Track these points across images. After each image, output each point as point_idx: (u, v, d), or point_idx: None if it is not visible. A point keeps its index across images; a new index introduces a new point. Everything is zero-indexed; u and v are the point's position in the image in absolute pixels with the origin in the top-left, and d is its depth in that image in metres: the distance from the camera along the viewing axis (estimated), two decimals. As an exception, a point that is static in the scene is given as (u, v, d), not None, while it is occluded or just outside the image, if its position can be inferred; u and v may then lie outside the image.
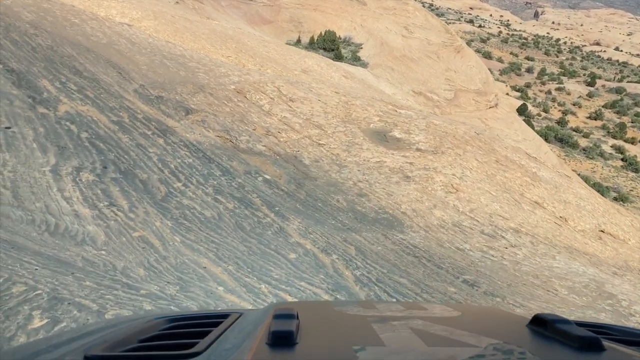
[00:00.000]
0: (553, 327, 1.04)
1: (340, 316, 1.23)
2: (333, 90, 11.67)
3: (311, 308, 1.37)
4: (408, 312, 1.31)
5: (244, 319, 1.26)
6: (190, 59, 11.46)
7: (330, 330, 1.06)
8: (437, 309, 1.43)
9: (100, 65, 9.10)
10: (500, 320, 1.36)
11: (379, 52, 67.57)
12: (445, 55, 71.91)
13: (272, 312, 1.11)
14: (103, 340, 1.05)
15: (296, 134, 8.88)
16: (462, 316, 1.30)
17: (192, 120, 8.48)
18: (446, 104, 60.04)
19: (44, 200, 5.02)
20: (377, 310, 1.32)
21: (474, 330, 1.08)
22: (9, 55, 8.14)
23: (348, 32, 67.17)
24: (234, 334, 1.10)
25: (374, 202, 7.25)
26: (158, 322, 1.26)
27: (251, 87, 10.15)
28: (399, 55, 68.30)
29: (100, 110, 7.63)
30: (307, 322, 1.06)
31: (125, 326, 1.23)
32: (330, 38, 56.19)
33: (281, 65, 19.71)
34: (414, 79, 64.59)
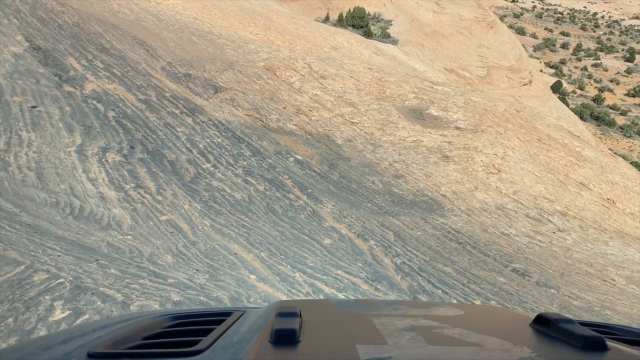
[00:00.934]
0: (556, 326, 1.02)
1: (343, 314, 1.23)
2: (366, 66, 11.20)
3: (314, 306, 1.38)
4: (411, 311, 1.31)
5: (246, 317, 1.25)
6: (218, 35, 11.13)
7: (333, 329, 1.05)
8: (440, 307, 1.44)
9: (127, 42, 8.86)
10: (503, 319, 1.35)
11: (409, 29, 66.00)
12: (477, 31, 69.78)
13: (274, 310, 1.10)
14: (107, 338, 1.05)
15: (328, 113, 8.51)
16: (465, 315, 1.28)
17: (220, 99, 8.19)
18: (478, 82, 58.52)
19: (68, 181, 4.82)
20: (380, 309, 1.33)
21: (477, 329, 1.06)
22: (35, 33, 7.97)
23: (377, 8, 65.74)
24: (236, 331, 1.09)
25: (411, 184, 6.87)
26: (161, 319, 1.25)
27: (281, 64, 9.78)
28: (430, 32, 66.57)
29: (127, 89, 7.41)
30: (309, 320, 1.05)
31: (129, 324, 1.22)
32: (359, 15, 55.01)
33: (310, 43, 19.24)
34: (445, 55, 63.01)
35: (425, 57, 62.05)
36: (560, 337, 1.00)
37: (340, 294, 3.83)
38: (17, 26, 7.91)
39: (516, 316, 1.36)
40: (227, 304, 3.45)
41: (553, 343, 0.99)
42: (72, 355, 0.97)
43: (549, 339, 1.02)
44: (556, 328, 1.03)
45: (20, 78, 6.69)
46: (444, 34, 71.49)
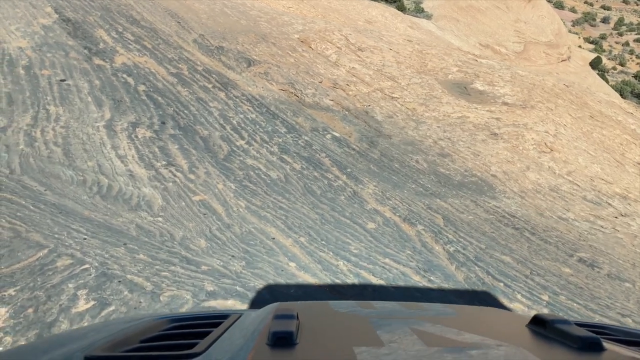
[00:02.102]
0: (553, 327, 1.02)
1: (340, 316, 1.22)
2: (405, 38, 10.61)
3: (311, 308, 1.37)
4: (407, 312, 1.30)
5: (244, 319, 1.25)
6: (251, 7, 10.70)
7: (330, 331, 1.05)
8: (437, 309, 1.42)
9: (158, 14, 8.54)
10: (500, 320, 1.34)
11: (443, 3, 64.00)
12: (514, 5, 67.25)
13: (272, 312, 1.10)
14: (104, 341, 1.05)
15: (366, 87, 8.03)
16: (462, 316, 1.27)
17: (254, 73, 7.81)
18: (514, 57, 56.58)
19: (96, 158, 4.54)
20: (376, 310, 1.32)
21: (473, 330, 1.05)
22: (64, 4, 7.71)
23: (411, -18, 63.93)
24: (234, 334, 1.09)
25: (458, 164, 6.38)
26: (159, 322, 1.25)
27: (316, 36, 9.31)
28: (465, 6, 64.47)
29: (158, 62, 7.10)
30: (307, 322, 1.05)
31: (127, 327, 1.21)
32: (393, -12, 53.52)
33: (344, 16, 18.62)
34: (480, 30, 61.06)
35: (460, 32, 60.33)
36: (557, 338, 0.99)
37: (391, 285, 3.45)
38: (46, -3, 7.66)
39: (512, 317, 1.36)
40: (265, 296, 3.12)
41: (550, 344, 0.98)
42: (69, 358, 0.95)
43: (546, 340, 1.01)
44: (552, 329, 1.02)
45: (49, 51, 6.45)
46: (479, 9, 69.28)
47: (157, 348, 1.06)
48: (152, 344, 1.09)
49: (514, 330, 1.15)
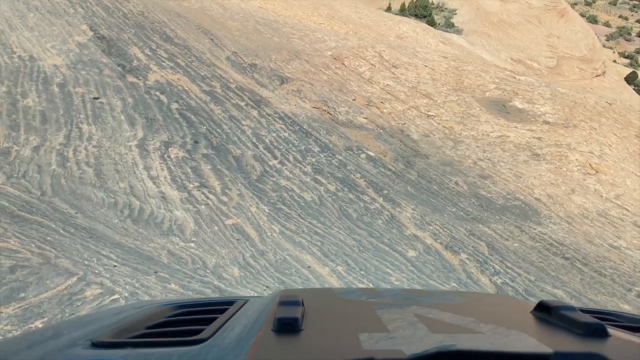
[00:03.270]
0: (558, 313, 1.02)
1: (345, 303, 1.22)
2: (440, 54, 10.39)
3: (316, 295, 1.35)
4: (413, 299, 1.28)
5: (249, 306, 1.24)
6: (284, 24, 10.65)
7: (335, 317, 1.06)
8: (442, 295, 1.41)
9: (192, 31, 8.53)
10: (504, 306, 1.32)
11: (474, 18, 63.43)
12: (547, 19, 66.15)
13: (277, 299, 1.07)
14: (111, 327, 1.05)
15: (401, 105, 7.82)
16: (467, 303, 1.24)
17: (287, 90, 7.69)
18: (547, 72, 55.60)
19: (128, 179, 4.44)
20: (381, 297, 1.31)
21: (478, 316, 1.04)
22: (100, 22, 7.76)
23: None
24: (239, 320, 1.08)
25: (500, 186, 6.09)
26: (165, 309, 1.25)
27: (350, 53, 9.17)
28: (496, 21, 63.78)
29: (191, 80, 7.04)
30: (312, 309, 1.05)
31: (133, 313, 1.21)
32: (422, 4, 53.36)
33: (375, 32, 18.51)
34: (512, 45, 60.21)
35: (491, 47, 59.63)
36: (562, 324, 0.99)
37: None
38: (83, 15, 7.72)
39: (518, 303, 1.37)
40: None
41: (554, 330, 0.99)
42: (76, 344, 0.97)
43: (551, 326, 1.02)
44: (557, 315, 1.03)
45: (84, 68, 6.45)
46: (511, 23, 68.45)
47: (163, 334, 1.06)
48: (158, 330, 1.09)
49: (519, 316, 1.14)
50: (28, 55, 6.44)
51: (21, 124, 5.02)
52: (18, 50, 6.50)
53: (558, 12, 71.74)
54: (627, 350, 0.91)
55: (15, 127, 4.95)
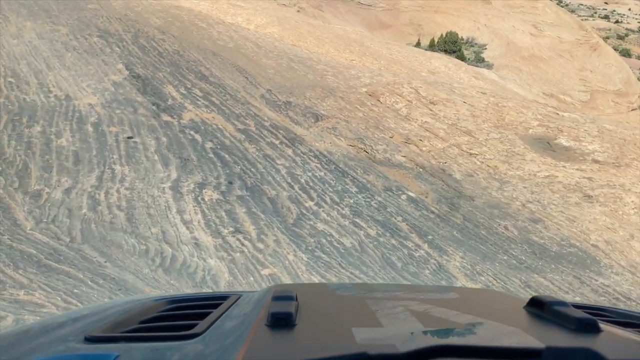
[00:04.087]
0: (550, 309, 1.03)
1: (339, 298, 1.25)
2: (478, 90, 10.09)
3: (310, 290, 1.37)
4: (406, 294, 1.35)
5: (243, 300, 1.25)
6: (317, 61, 10.57)
7: (329, 312, 1.09)
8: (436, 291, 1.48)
9: (227, 69, 8.48)
10: (498, 302, 1.36)
11: (504, 53, 63.19)
12: (579, 53, 65.45)
13: (271, 293, 1.09)
14: (104, 322, 1.06)
15: (441, 142, 7.51)
16: (460, 298, 1.29)
17: (321, 128, 7.48)
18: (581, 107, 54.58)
19: (160, 224, 4.21)
20: (375, 292, 1.36)
21: (471, 311, 1.07)
22: (136, 61, 7.77)
23: (471, 32, 63.85)
24: (233, 315, 1.11)
25: (553, 231, 5.66)
26: (158, 303, 1.27)
27: (385, 90, 8.95)
28: (527, 55, 63.41)
29: (225, 118, 6.91)
30: (306, 303, 1.06)
31: (126, 308, 1.22)
32: (452, 39, 53.50)
33: (407, 67, 18.38)
34: (544, 79, 59.62)
35: (523, 82, 59.09)
36: (554, 320, 1.00)
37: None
38: (119, 54, 7.75)
39: (511, 299, 1.39)
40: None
41: (546, 325, 0.99)
42: (69, 338, 0.97)
43: (543, 321, 1.02)
44: (550, 310, 1.03)
45: (119, 107, 6.38)
46: (542, 57, 67.98)
47: (157, 328, 1.06)
48: (152, 324, 1.10)
49: (512, 312, 1.16)
50: (64, 94, 6.42)
51: (54, 165, 4.90)
52: (55, 90, 6.50)
53: (590, 46, 70.92)
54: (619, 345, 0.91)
55: (47, 168, 4.83)
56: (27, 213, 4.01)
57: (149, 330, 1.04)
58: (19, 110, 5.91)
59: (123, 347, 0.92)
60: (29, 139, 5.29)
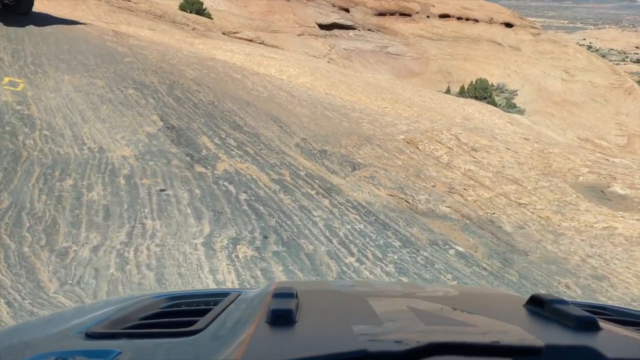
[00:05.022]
0: (550, 307, 1.03)
1: (339, 295, 1.23)
2: (521, 136, 9.67)
3: (310, 287, 1.38)
4: (406, 292, 1.32)
5: (243, 297, 1.25)
6: (352, 109, 10.39)
7: (329, 309, 1.07)
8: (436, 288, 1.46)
9: (261, 119, 8.34)
10: (498, 300, 1.34)
11: (536, 98, 62.74)
12: (613, 97, 64.48)
13: (271, 290, 1.10)
14: (104, 318, 1.06)
15: (487, 192, 7.07)
16: (461, 296, 1.28)
17: (359, 177, 7.16)
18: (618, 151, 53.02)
19: (192, 285, 3.88)
20: (376, 290, 1.35)
21: (472, 309, 1.07)
22: (170, 112, 7.70)
23: (501, 79, 63.79)
24: (233, 312, 1.10)
25: (620, 290, 5.09)
26: (159, 300, 1.26)
27: (423, 137, 8.64)
28: (560, 100, 62.79)
29: (260, 168, 6.67)
30: (306, 301, 1.05)
31: (126, 304, 1.22)
32: (482, 86, 53.48)
33: (440, 114, 18.13)
34: (578, 124, 58.67)
35: (556, 127, 58.25)
36: (554, 318, 0.99)
37: None
38: (154, 106, 7.70)
39: (511, 297, 1.35)
40: None
41: (546, 323, 0.99)
42: (70, 334, 0.96)
43: (543, 319, 1.01)
44: (550, 308, 1.03)
45: (152, 159, 6.22)
46: (575, 102, 67.09)
47: (158, 325, 1.06)
48: (152, 321, 1.09)
49: (512, 310, 1.14)
50: (98, 146, 6.32)
51: (83, 220, 4.68)
52: (89, 142, 6.41)
53: (625, 90, 69.63)
54: (619, 343, 0.91)
55: (76, 223, 4.61)
56: (52, 274, 3.74)
57: (149, 326, 1.05)
58: (52, 163, 5.80)
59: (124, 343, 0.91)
60: (59, 193, 5.12)
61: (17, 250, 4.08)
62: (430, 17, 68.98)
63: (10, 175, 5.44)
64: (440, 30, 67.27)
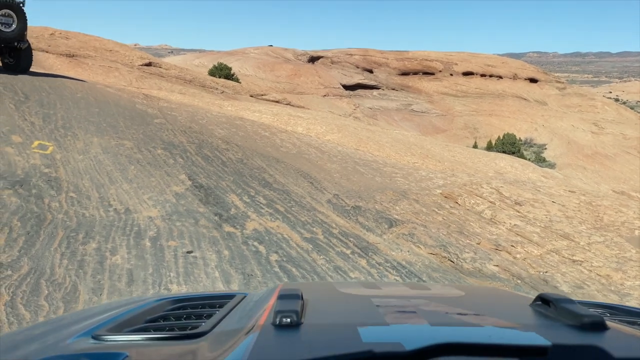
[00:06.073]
0: (557, 306, 1.02)
1: (344, 296, 1.21)
2: (565, 188, 9.14)
3: (315, 288, 1.36)
4: (411, 292, 1.30)
5: (248, 300, 1.24)
6: (383, 164, 10.07)
7: (335, 310, 1.06)
8: (441, 289, 1.42)
9: (291, 175, 8.06)
10: (504, 300, 1.32)
11: (566, 152, 61.73)
12: (647, 148, 63.04)
13: (276, 292, 1.09)
14: (111, 321, 1.06)
15: (537, 248, 6.51)
16: (466, 296, 1.26)
17: (396, 234, 6.71)
18: (656, 203, 51.17)
19: None
20: (381, 291, 1.32)
21: (478, 309, 1.07)
22: (199, 170, 7.50)
23: (528, 133, 63.31)
24: (239, 314, 1.09)
25: None
26: (164, 303, 1.26)
27: (462, 191, 8.20)
28: (591, 153, 61.65)
29: (291, 226, 6.31)
30: (311, 302, 1.04)
31: (132, 307, 1.22)
32: (510, 141, 53.02)
33: (472, 168, 17.68)
34: (611, 177, 57.23)
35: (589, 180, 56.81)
36: (561, 317, 0.98)
37: None
38: (182, 165, 7.51)
39: (516, 297, 1.34)
40: None
41: (553, 323, 0.97)
42: (77, 337, 0.96)
43: (549, 319, 0.99)
44: (557, 308, 1.01)
45: (179, 219, 5.93)
46: (607, 155, 65.79)
47: (163, 327, 1.05)
48: (158, 324, 1.09)
49: (518, 309, 1.12)
50: (124, 208, 6.08)
51: (105, 287, 4.34)
52: (115, 203, 6.19)
53: (658, 141, 67.76)
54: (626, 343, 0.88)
55: (97, 290, 4.27)
56: (66, 348, 3.36)
57: (155, 329, 1.05)
58: (76, 226, 5.56)
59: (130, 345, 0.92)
60: (82, 257, 4.83)
61: (32, 322, 3.74)
62: (453, 75, 69.84)
63: (32, 239, 5.20)
64: (464, 87, 67.85)
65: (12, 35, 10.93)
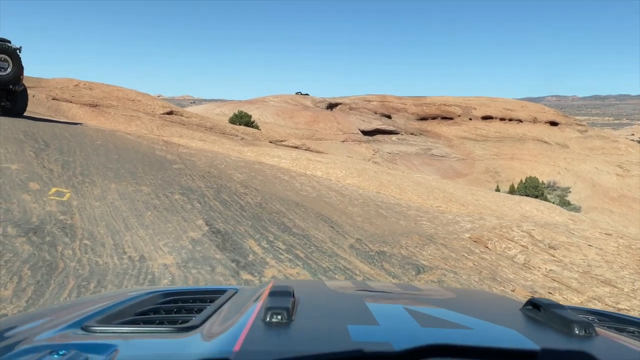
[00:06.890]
0: (547, 311, 1.02)
1: (336, 295, 1.21)
2: (601, 231, 8.65)
3: (307, 286, 1.36)
4: (403, 293, 1.29)
5: (240, 295, 1.24)
6: (407, 207, 9.73)
7: (325, 308, 1.06)
8: (432, 291, 1.43)
9: (311, 219, 7.77)
10: (494, 303, 1.32)
11: (591, 195, 60.39)
12: (675, 185, 61.52)
13: (268, 289, 1.08)
14: (100, 313, 1.05)
15: (577, 295, 6.03)
16: (457, 298, 1.25)
17: (425, 281, 6.31)
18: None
19: None
20: (372, 290, 1.32)
21: (468, 312, 1.05)
22: (216, 215, 7.26)
23: (551, 176, 62.32)
24: (229, 309, 1.08)
25: None
26: (155, 296, 1.25)
27: (491, 234, 7.78)
28: (617, 196, 60.25)
29: (312, 273, 5.97)
30: (302, 299, 1.03)
31: (122, 299, 1.20)
32: (533, 184, 52.11)
33: (497, 212, 17.16)
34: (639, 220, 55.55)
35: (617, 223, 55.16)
36: (551, 322, 0.97)
37: None
38: (199, 210, 7.29)
39: (507, 301, 1.34)
40: None
41: (543, 327, 0.97)
42: (66, 328, 0.95)
43: (539, 324, 0.99)
44: (547, 313, 1.01)
45: (195, 267, 5.65)
46: (634, 197, 64.18)
47: (153, 320, 1.04)
48: (148, 316, 1.08)
49: (509, 313, 1.12)
50: (138, 255, 5.84)
51: (113, 340, 4.04)
52: (129, 251, 5.95)
53: (689, 177, 66.24)
54: (614, 349, 0.89)
55: (105, 343, 3.97)
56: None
57: (145, 322, 1.04)
58: (88, 274, 5.31)
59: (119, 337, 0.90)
60: (91, 307, 4.54)
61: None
62: (472, 120, 69.84)
63: (42, 288, 4.96)
64: (483, 132, 67.64)
65: (7, 78, 11.62)
